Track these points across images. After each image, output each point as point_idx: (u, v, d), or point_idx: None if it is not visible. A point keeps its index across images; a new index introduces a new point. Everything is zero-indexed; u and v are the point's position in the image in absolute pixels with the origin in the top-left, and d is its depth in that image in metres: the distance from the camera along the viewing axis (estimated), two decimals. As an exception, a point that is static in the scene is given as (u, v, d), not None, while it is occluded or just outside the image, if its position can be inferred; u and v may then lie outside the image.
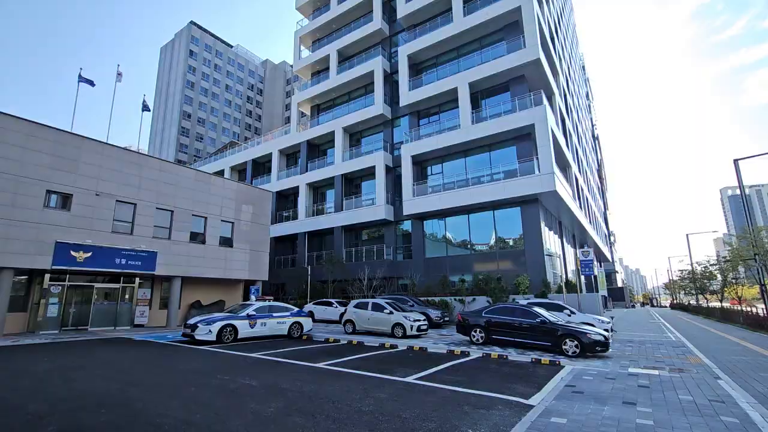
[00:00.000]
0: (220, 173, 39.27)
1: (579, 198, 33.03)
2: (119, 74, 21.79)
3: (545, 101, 23.19)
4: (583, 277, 25.36)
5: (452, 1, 26.97)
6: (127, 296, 19.38)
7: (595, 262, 33.35)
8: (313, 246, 32.30)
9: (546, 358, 9.83)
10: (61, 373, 7.96)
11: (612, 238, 76.24)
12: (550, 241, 25.30)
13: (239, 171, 40.47)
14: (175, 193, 20.55)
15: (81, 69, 20.97)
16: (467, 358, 10.23)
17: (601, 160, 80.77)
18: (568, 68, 41.14)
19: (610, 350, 10.96)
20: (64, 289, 17.29)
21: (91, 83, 20.68)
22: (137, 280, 19.62)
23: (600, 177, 70.96)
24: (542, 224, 22.71)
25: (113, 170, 18.39)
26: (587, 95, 72.20)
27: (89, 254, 16.89)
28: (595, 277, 26.34)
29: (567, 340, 10.60)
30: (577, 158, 36.62)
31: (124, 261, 17.90)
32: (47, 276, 16.88)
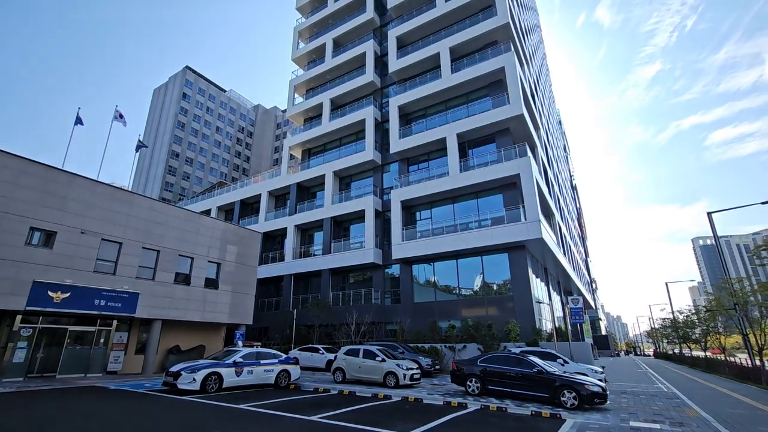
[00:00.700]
0: (207, 212, 38.91)
1: (563, 245, 33.86)
2: (120, 115, 22.04)
3: (529, 153, 24.42)
4: (570, 325, 25.45)
5: (440, 59, 28.91)
6: (102, 340, 18.31)
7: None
8: (299, 289, 31.65)
9: (546, 411, 9.65)
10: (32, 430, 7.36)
11: (594, 285, 77.34)
12: (537, 287, 25.56)
13: (226, 211, 40.20)
14: (164, 232, 20.19)
15: (79, 108, 21.16)
16: (465, 411, 9.95)
17: (580, 208, 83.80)
18: (547, 122, 43.75)
19: (607, 402, 10.87)
20: (35, 332, 16.26)
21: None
22: (115, 322, 18.66)
23: (580, 225, 73.25)
24: (530, 271, 23.06)
25: (101, 208, 18.08)
26: (564, 147, 76.27)
27: (67, 295, 16.13)
28: (581, 324, 26.44)
29: (565, 392, 10.48)
30: (559, 207, 37.97)
31: (103, 302, 17.11)
32: (18, 318, 15.92)
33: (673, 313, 42.09)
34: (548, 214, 29.28)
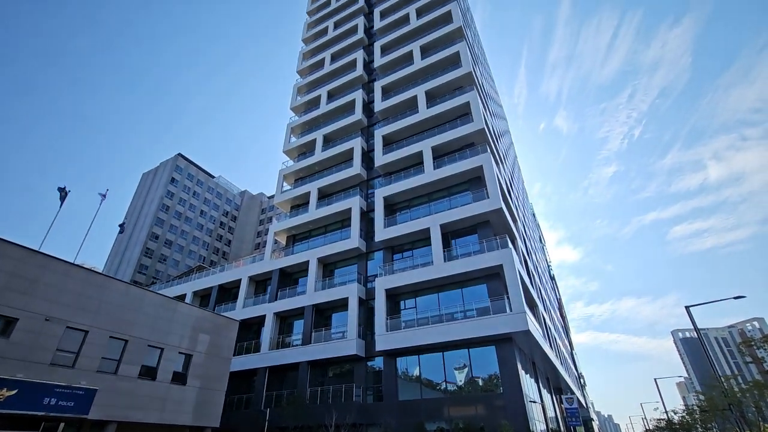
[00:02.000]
0: (182, 297, 37.20)
1: (548, 337, 33.35)
2: (103, 195, 22.24)
3: (510, 244, 25.36)
4: (567, 426, 23.88)
5: (423, 156, 31.34)
6: (42, 449, 15.87)
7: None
8: (273, 384, 29.16)
9: None
10: None
11: (582, 381, 74.26)
12: (528, 384, 24.45)
13: (202, 296, 38.55)
14: (135, 319, 19.03)
15: (68, 190, 21.34)
16: None
17: (560, 299, 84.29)
18: (524, 216, 46.25)
19: None
20: (-35, 439, 14.08)
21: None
22: (62, 426, 16.42)
23: (562, 316, 72.95)
24: (518, 365, 22.28)
25: (73, 292, 17.20)
26: (540, 239, 79.46)
27: (14, 392, 14.40)
28: (576, 427, 24.90)
29: None
30: (542, 297, 38.24)
31: (54, 401, 15.27)
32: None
33: (667, 413, 40.24)
34: (532, 305, 29.35)
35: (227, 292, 37.28)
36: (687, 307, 20.12)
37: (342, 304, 29.24)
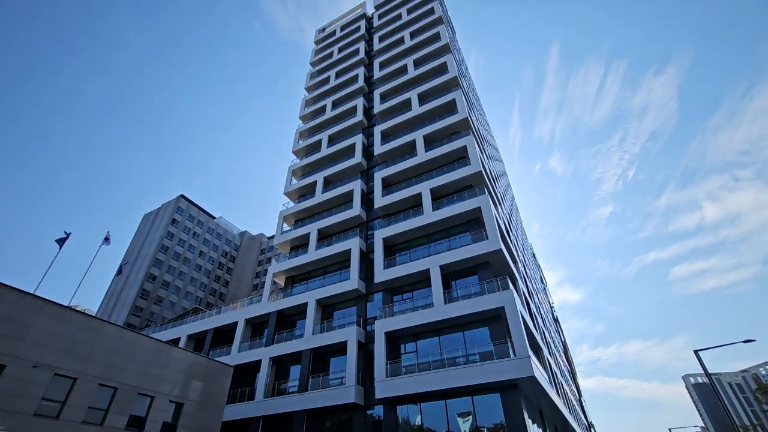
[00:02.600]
0: (176, 341, 36.20)
1: (555, 383, 32.08)
2: (108, 238, 22.34)
3: (511, 286, 25.10)
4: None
5: (422, 198, 31.82)
6: None
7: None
8: (267, 436, 27.63)
9: None
10: None
11: (593, 430, 70.37)
12: (535, 435, 23.21)
13: (197, 340, 37.50)
14: (127, 365, 18.43)
15: (68, 232, 21.46)
16: None
17: (565, 342, 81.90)
18: (523, 256, 46.11)
19: None
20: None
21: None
22: (40, 484, 15.40)
23: (568, 360, 70.54)
24: (525, 415, 21.27)
25: (65, 337, 16.79)
26: (541, 279, 78.60)
27: (-6, 445, 13.67)
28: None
29: None
30: (546, 340, 37.23)
31: (35, 455, 14.44)
32: None
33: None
34: (536, 349, 28.53)
35: (223, 336, 36.31)
36: (696, 351, 19.59)
37: (341, 348, 28.41)
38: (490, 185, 33.23)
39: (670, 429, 42.22)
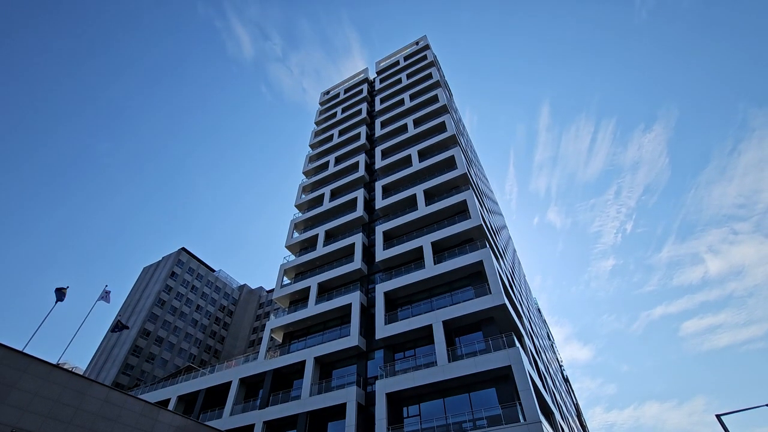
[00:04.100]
0: (165, 403, 34.23)
1: (569, 453, 29.68)
2: (107, 293, 22.02)
3: (517, 343, 24.21)
4: None
5: (424, 252, 31.76)
6: None
7: None
8: None
9: None
10: None
11: None
12: None
13: (188, 401, 35.42)
14: (111, 430, 17.26)
15: (67, 287, 21.21)
16: None
17: (577, 403, 76.99)
18: (528, 311, 44.93)
19: None
20: None
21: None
22: None
23: (581, 425, 65.81)
24: (539, 489, 19.47)
25: (48, 399, 15.92)
26: (548, 335, 75.80)
27: None
28: None
29: None
30: (557, 403, 35.08)
31: None
32: None
33: None
34: (547, 413, 26.79)
35: (216, 396, 34.33)
36: (719, 416, 18.35)
37: (339, 411, 26.73)
38: (491, 238, 33.31)
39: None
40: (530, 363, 27.01)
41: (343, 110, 59.98)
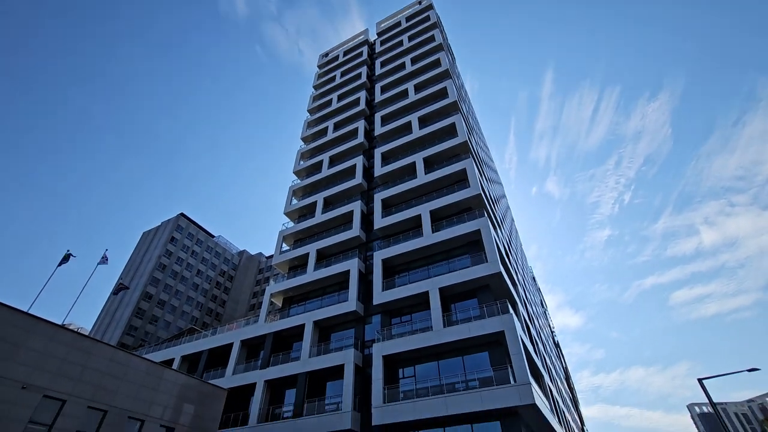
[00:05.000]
0: (170, 362, 35.47)
1: (557, 412, 31.24)
2: (105, 258, 22.22)
3: (511, 310, 24.82)
4: None
5: (422, 220, 31.87)
6: None
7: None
8: (259, 464, 26.69)
9: None
10: None
11: (596, 463, 67.97)
12: (536, 466, 22.43)
13: (191, 361, 36.72)
14: (118, 388, 17.97)
15: (72, 254, 21.35)
16: None
17: (566, 368, 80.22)
18: (523, 279, 45.79)
19: None
20: None
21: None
22: None
23: (569, 387, 68.91)
24: (526, 444, 20.63)
25: (56, 358, 16.44)
26: (541, 303, 77.76)
27: (-25, 471, 13.17)
28: None
29: None
30: (546, 366, 36.50)
31: (17, 482, 13.89)
32: None
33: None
34: (537, 375, 27.93)
35: (218, 357, 35.56)
36: (700, 380, 19.18)
37: (338, 372, 27.81)
38: (489, 208, 33.35)
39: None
40: (523, 329, 27.82)
41: (343, 74, 58.18)
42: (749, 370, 19.92)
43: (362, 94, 50.54)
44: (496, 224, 34.58)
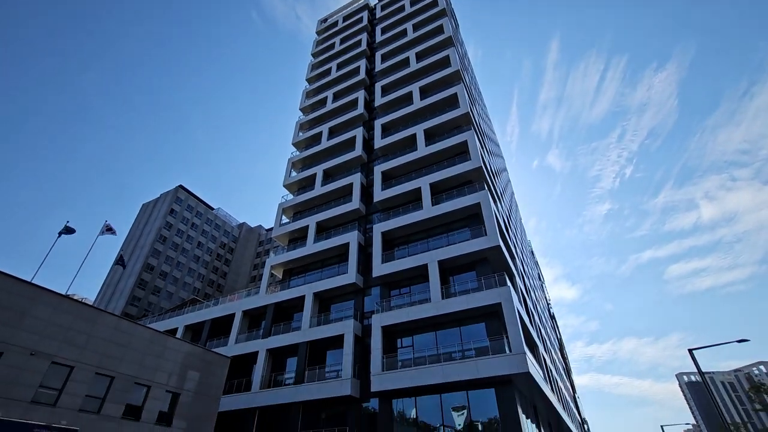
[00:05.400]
0: (173, 332, 36.30)
1: (550, 380, 32.29)
2: (108, 228, 22.23)
3: (508, 282, 25.14)
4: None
5: (422, 193, 31.72)
6: (12, 496, 14.87)
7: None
8: (263, 426, 27.86)
9: None
10: None
11: (586, 427, 71.08)
12: (528, 429, 23.39)
13: (194, 331, 37.58)
14: (123, 355, 18.45)
15: (72, 227, 21.34)
16: None
17: (561, 338, 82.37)
18: (522, 253, 46.16)
19: None
20: (-69, 484, 13.22)
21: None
22: (36, 470, 15.46)
23: (563, 356, 70.98)
24: (519, 410, 21.42)
25: (61, 326, 16.77)
26: (539, 276, 78.84)
27: (-10, 432, 13.69)
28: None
29: None
30: (541, 337, 37.41)
31: (31, 443, 14.47)
32: None
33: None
34: (532, 346, 28.67)
35: (220, 327, 36.37)
36: (690, 350, 19.69)
37: (337, 341, 28.50)
38: (490, 181, 33.14)
39: (662, 426, 42.63)
40: (519, 301, 28.31)
41: (342, 41, 56.33)
42: (739, 341, 20.41)
43: (362, 63, 49.12)
44: (496, 197, 34.48)
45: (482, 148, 35.91)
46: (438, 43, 44.09)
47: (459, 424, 22.42)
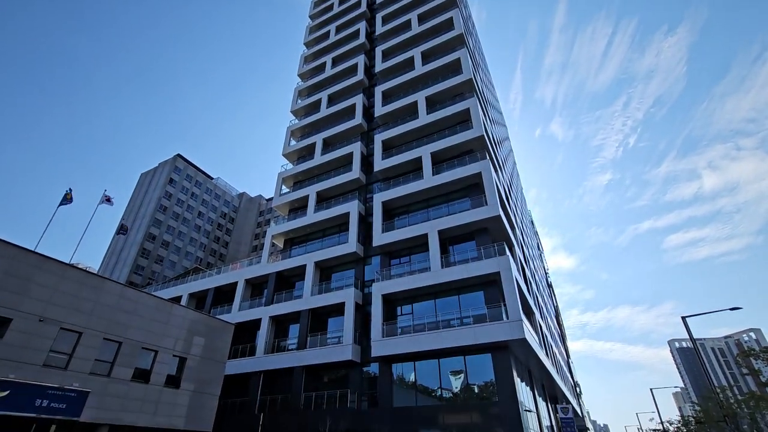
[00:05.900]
0: (177, 299, 37.01)
1: (545, 345, 33.26)
2: (107, 198, 22.19)
3: (507, 252, 25.33)
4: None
5: (423, 162, 31.38)
6: (31, 451, 15.68)
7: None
8: (267, 388, 28.96)
9: None
10: None
11: (578, 389, 74.05)
12: (523, 392, 24.34)
13: (198, 298, 38.34)
14: (130, 321, 18.90)
15: (72, 196, 21.26)
16: None
17: (557, 306, 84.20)
18: (522, 223, 46.29)
19: None
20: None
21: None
22: (53, 428, 16.24)
23: (559, 323, 72.86)
24: (514, 373, 22.20)
25: (67, 294, 17.08)
26: (538, 246, 79.52)
27: (5, 393, 14.27)
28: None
29: None
30: (538, 305, 38.18)
31: (46, 402, 15.12)
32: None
33: (662, 423, 40.13)
34: (528, 313, 29.29)
35: (224, 295, 37.09)
36: (684, 318, 20.12)
37: (338, 309, 29.13)
38: (491, 150, 32.71)
39: (651, 389, 44.38)
40: (518, 270, 28.66)
41: (341, 1, 53.91)
42: (731, 309, 20.84)
43: (362, 25, 47.25)
44: (497, 167, 34.15)
45: (485, 116, 35.17)
46: (441, 5, 42.21)
47: (456, 387, 23.32)
